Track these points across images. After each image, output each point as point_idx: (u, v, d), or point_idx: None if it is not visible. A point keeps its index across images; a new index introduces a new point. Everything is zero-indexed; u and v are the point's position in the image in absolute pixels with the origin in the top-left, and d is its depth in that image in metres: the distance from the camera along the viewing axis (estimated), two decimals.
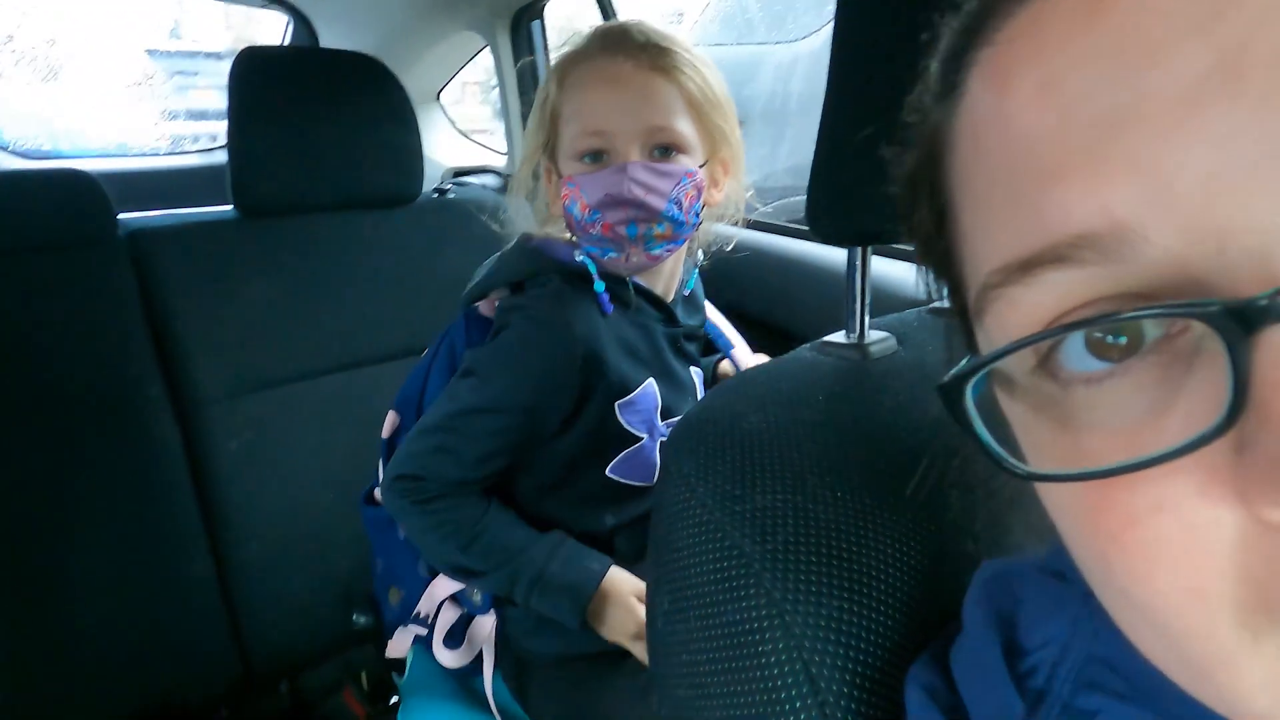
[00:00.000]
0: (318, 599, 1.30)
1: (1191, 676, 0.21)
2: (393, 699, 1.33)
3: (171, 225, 1.21)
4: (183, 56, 2.71)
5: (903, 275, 0.93)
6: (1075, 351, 0.21)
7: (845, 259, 0.53)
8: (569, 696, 0.86)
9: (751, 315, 1.00)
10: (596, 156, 0.77)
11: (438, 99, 1.94)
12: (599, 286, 0.81)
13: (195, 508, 1.22)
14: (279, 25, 1.89)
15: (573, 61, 0.79)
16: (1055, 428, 0.22)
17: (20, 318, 1.10)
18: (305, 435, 1.28)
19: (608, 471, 0.85)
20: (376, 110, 1.26)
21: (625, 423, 0.83)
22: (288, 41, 1.85)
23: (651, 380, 0.84)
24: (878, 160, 0.33)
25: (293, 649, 1.33)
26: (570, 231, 0.83)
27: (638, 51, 0.76)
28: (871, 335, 0.51)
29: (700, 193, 0.79)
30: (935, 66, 0.26)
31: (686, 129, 0.77)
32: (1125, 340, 0.20)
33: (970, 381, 0.22)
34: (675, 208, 0.77)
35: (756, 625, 0.37)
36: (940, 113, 0.26)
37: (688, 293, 0.91)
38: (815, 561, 0.37)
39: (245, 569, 1.26)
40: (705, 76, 0.78)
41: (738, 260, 0.94)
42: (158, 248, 1.18)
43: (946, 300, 0.30)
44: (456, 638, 0.90)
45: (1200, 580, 0.19)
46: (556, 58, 0.82)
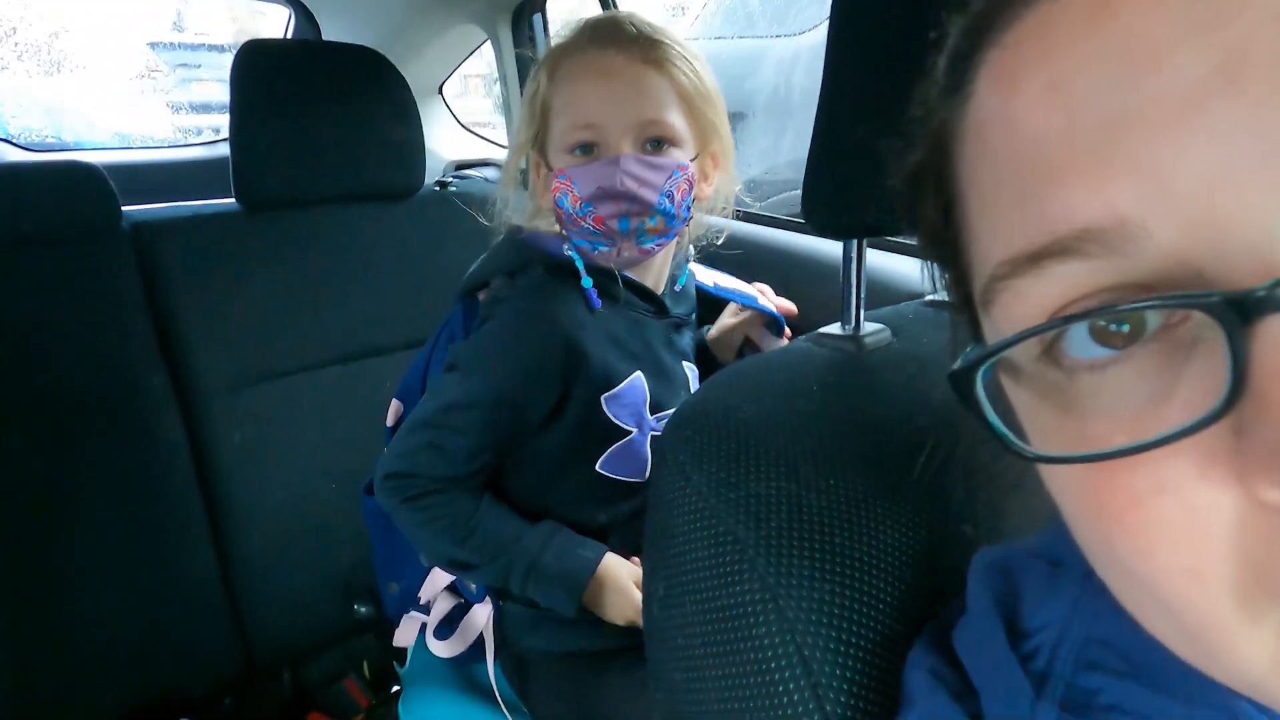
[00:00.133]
0: (319, 590, 1.31)
1: (1193, 650, 0.22)
2: (394, 688, 1.34)
3: (175, 218, 1.21)
4: (185, 49, 2.71)
5: (898, 268, 0.93)
6: (1080, 340, 0.21)
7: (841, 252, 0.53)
8: (567, 692, 0.86)
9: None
10: (588, 149, 0.76)
11: (440, 92, 1.94)
12: (587, 282, 0.80)
13: (198, 499, 1.23)
14: (281, 18, 1.89)
15: (563, 54, 0.78)
16: (1060, 413, 0.23)
17: (24, 309, 1.11)
18: (307, 428, 1.29)
19: (598, 467, 0.84)
20: (379, 104, 1.26)
21: (612, 416, 0.82)
22: (290, 34, 1.85)
23: (639, 373, 0.83)
24: (873, 154, 0.33)
25: (295, 639, 1.34)
26: (560, 225, 0.82)
27: (629, 44, 0.75)
28: (866, 327, 0.52)
29: (691, 186, 0.78)
30: (942, 64, 0.27)
31: (678, 122, 0.77)
32: (1128, 329, 0.20)
33: (980, 369, 0.22)
34: (667, 201, 0.76)
35: (750, 609, 0.37)
36: (947, 110, 0.26)
37: (679, 288, 0.90)
38: (808, 547, 0.38)
39: (248, 560, 1.26)
40: (696, 69, 0.77)
41: (736, 253, 0.94)
42: (161, 240, 1.19)
43: (948, 292, 0.31)
44: (451, 626, 0.90)
45: (1200, 560, 0.19)
46: (547, 50, 0.81)
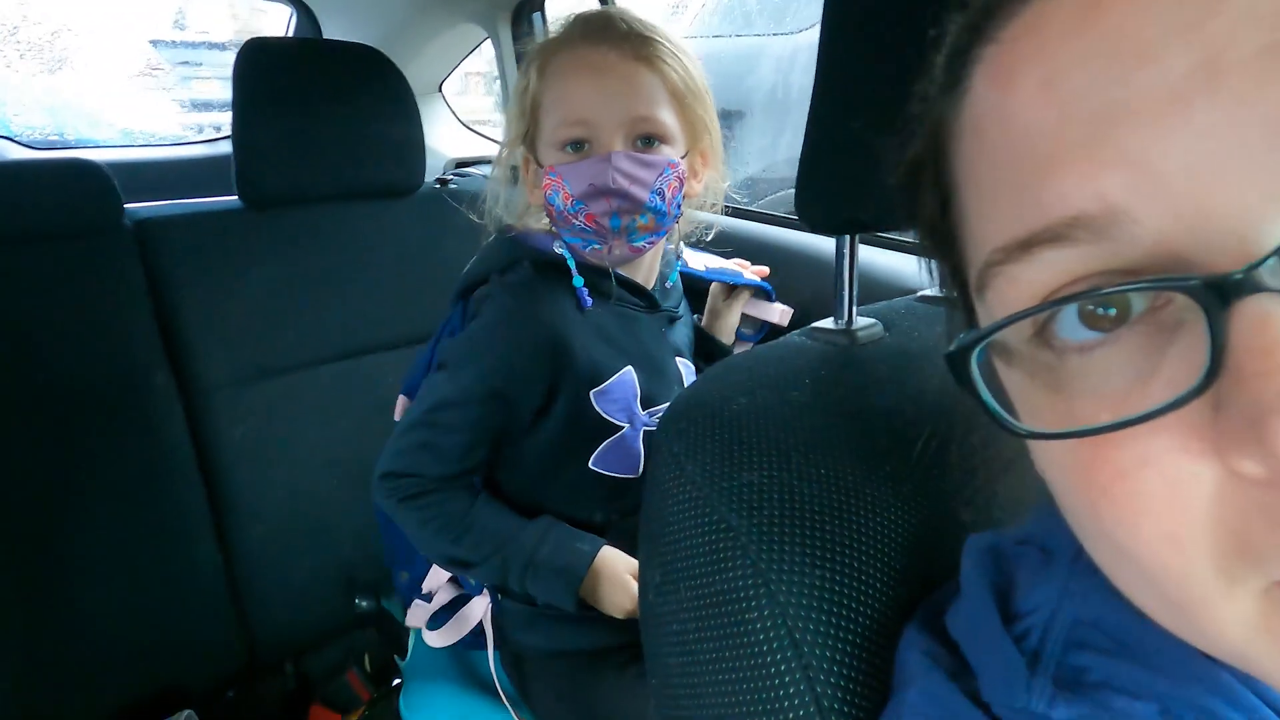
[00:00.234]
0: (321, 583, 1.32)
1: (1174, 617, 0.23)
2: (395, 681, 1.35)
3: (177, 215, 1.22)
4: (187, 47, 2.71)
5: (891, 264, 0.94)
6: (1069, 322, 0.23)
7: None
8: (565, 689, 0.87)
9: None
10: (579, 146, 0.76)
11: (440, 90, 1.95)
12: (578, 281, 0.80)
13: (201, 494, 1.24)
14: (283, 16, 1.89)
15: (553, 50, 0.78)
16: (1050, 392, 0.24)
17: (28, 306, 1.11)
18: (309, 423, 1.29)
19: (590, 464, 0.84)
20: (379, 102, 1.27)
21: (602, 411, 0.82)
22: (291, 33, 1.86)
23: (629, 368, 0.83)
24: (865, 151, 0.34)
25: (297, 632, 1.35)
26: (551, 222, 0.82)
27: (621, 40, 0.75)
28: (859, 322, 0.53)
29: (682, 184, 0.78)
30: (939, 61, 0.28)
31: (669, 119, 0.77)
32: (1115, 312, 0.22)
33: (974, 350, 0.24)
34: (658, 199, 0.76)
35: (743, 594, 0.38)
36: (944, 105, 0.27)
37: (670, 285, 0.90)
38: (799, 534, 0.39)
39: (250, 554, 1.27)
40: (687, 67, 0.77)
41: (729, 250, 0.95)
42: (164, 237, 1.19)
43: (944, 283, 0.32)
44: (447, 615, 0.91)
45: (1180, 528, 0.21)
46: (536, 46, 0.80)
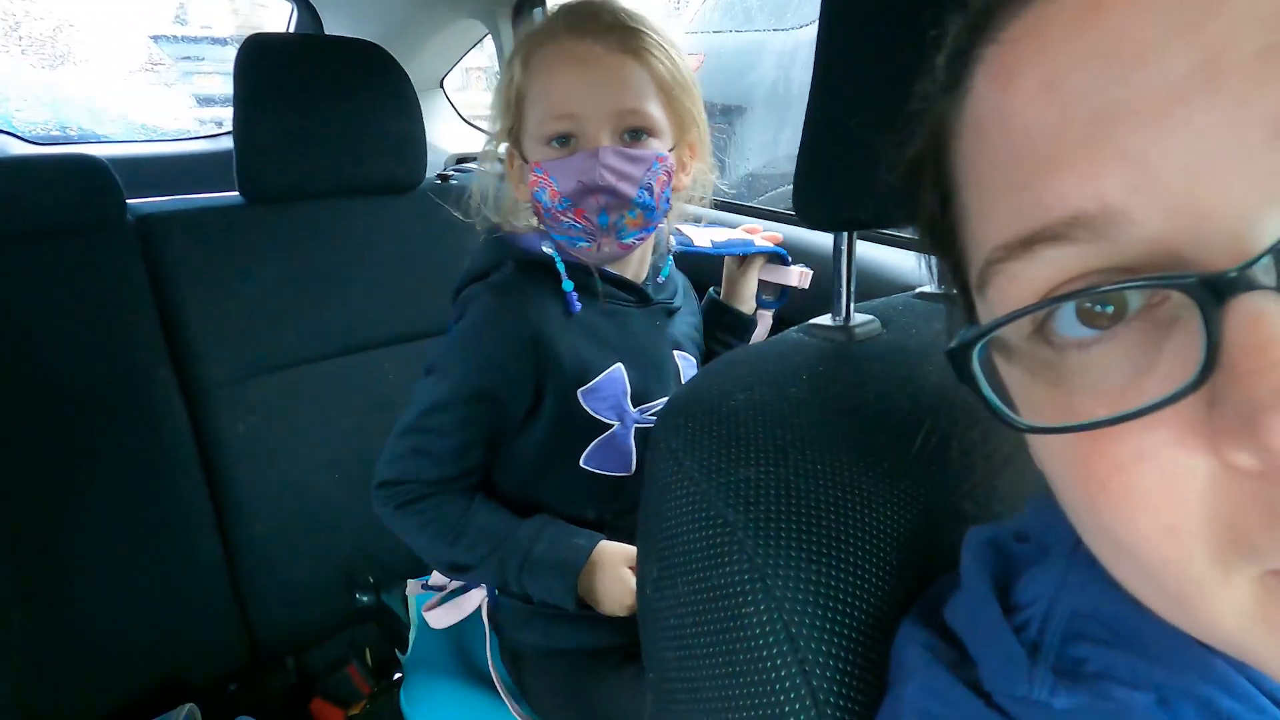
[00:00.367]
0: (322, 578, 1.32)
1: (1171, 607, 0.24)
2: (396, 676, 1.35)
3: (179, 210, 1.22)
4: (189, 42, 2.72)
5: (889, 260, 0.94)
6: (1068, 319, 0.23)
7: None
8: (563, 685, 0.87)
9: None
10: (565, 140, 0.75)
11: (441, 86, 1.94)
12: (568, 285, 0.79)
13: (203, 490, 1.24)
14: (284, 12, 1.89)
15: (537, 42, 0.76)
16: (1049, 388, 0.24)
17: (29, 301, 1.12)
18: (310, 418, 1.30)
19: (582, 463, 0.84)
20: (380, 97, 1.27)
21: (591, 410, 0.81)
22: (293, 28, 1.86)
23: (619, 366, 0.82)
24: (863, 148, 0.34)
25: (298, 627, 1.35)
26: (539, 219, 0.81)
27: (606, 32, 0.74)
28: (856, 318, 0.53)
29: (670, 177, 0.77)
30: (941, 61, 0.28)
31: (657, 112, 0.75)
32: (1112, 309, 0.22)
33: (976, 347, 0.24)
34: (647, 194, 0.75)
35: (739, 589, 0.39)
36: (945, 104, 0.28)
37: (662, 279, 0.89)
38: (796, 529, 0.39)
39: (252, 549, 1.28)
40: (674, 58, 0.76)
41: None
42: (166, 232, 1.20)
43: (945, 280, 0.32)
44: (448, 597, 0.92)
45: (1177, 520, 0.21)
46: (520, 38, 0.78)
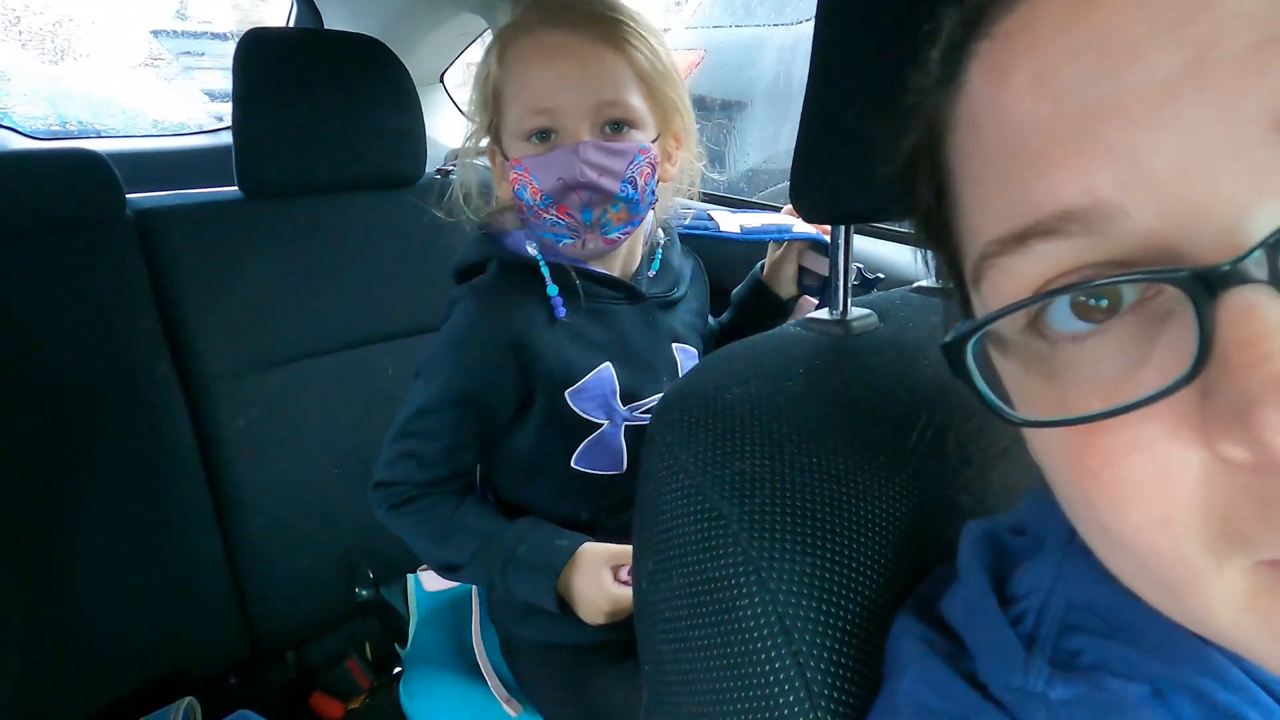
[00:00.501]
0: (322, 572, 1.33)
1: (1165, 598, 0.24)
2: (395, 670, 1.36)
3: (178, 205, 1.22)
4: (189, 37, 2.71)
5: (886, 255, 0.94)
6: (1062, 313, 0.23)
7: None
8: (561, 679, 0.88)
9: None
10: (544, 136, 0.73)
11: (441, 81, 1.94)
12: (552, 290, 0.79)
13: (203, 484, 1.24)
14: (284, 6, 1.89)
15: (512, 35, 0.75)
16: (1044, 382, 0.24)
17: (29, 296, 1.12)
18: (310, 413, 1.30)
19: (573, 463, 0.83)
20: (380, 92, 1.27)
21: (579, 410, 0.81)
22: (292, 23, 1.85)
23: (607, 365, 0.81)
24: (861, 141, 0.34)
25: (298, 621, 1.36)
26: (521, 217, 0.80)
27: (582, 23, 0.72)
28: (854, 312, 0.53)
29: (654, 169, 0.76)
30: (935, 55, 0.28)
31: (638, 103, 0.74)
32: (1106, 303, 0.22)
33: (970, 341, 0.24)
34: (630, 187, 0.73)
35: (734, 582, 0.39)
36: (940, 99, 0.28)
37: (653, 273, 0.87)
38: (790, 522, 0.39)
39: (251, 543, 1.28)
40: (654, 47, 0.75)
41: (723, 248, 0.94)
42: (165, 227, 1.20)
43: (940, 274, 0.32)
44: None
45: (1169, 512, 0.21)
46: (496, 31, 0.76)
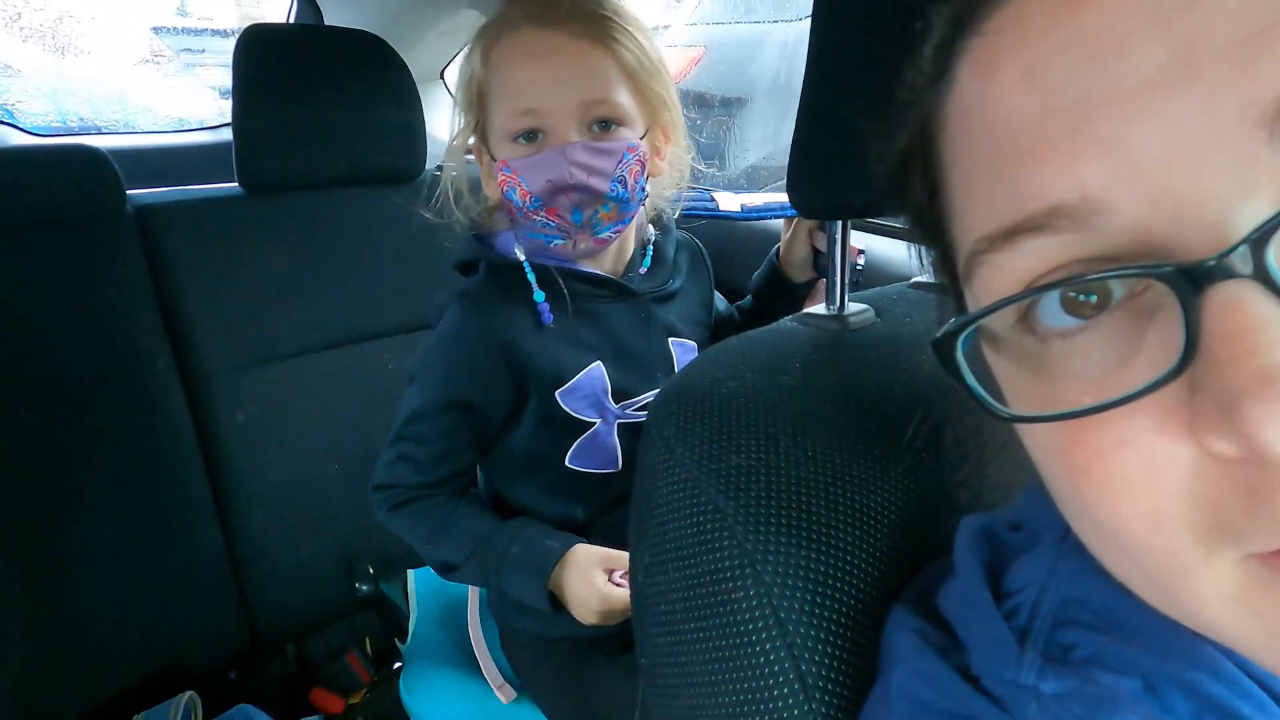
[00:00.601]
0: (322, 567, 1.33)
1: (1157, 592, 0.24)
2: (396, 665, 1.36)
3: (179, 201, 1.22)
4: (189, 34, 2.72)
5: (884, 251, 0.94)
6: (1052, 309, 0.23)
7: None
8: (560, 673, 0.88)
9: (741, 290, 1.01)
10: (531, 136, 0.73)
11: (441, 77, 1.94)
12: (539, 296, 0.78)
13: (203, 479, 1.25)
14: (284, 3, 1.89)
15: (495, 34, 0.74)
16: (1034, 377, 0.25)
17: (30, 292, 1.12)
18: (310, 408, 1.30)
19: (567, 462, 0.84)
20: (380, 88, 1.27)
21: (570, 409, 0.81)
22: (293, 19, 1.85)
23: (598, 364, 0.81)
24: (858, 136, 0.34)
25: (298, 615, 1.36)
26: (510, 218, 0.80)
27: (566, 20, 0.71)
28: (851, 307, 0.53)
29: (644, 166, 0.75)
30: (927, 52, 0.29)
31: (625, 100, 0.73)
32: (1095, 299, 0.22)
33: (960, 337, 0.24)
34: (620, 186, 0.73)
35: (729, 574, 0.39)
36: (931, 95, 0.28)
37: (645, 270, 0.86)
38: (786, 515, 0.39)
39: (252, 538, 1.28)
40: (640, 42, 0.74)
41: (731, 237, 0.94)
42: (165, 223, 1.20)
43: (934, 271, 0.33)
44: None
45: (1158, 506, 0.21)
46: (478, 28, 0.76)
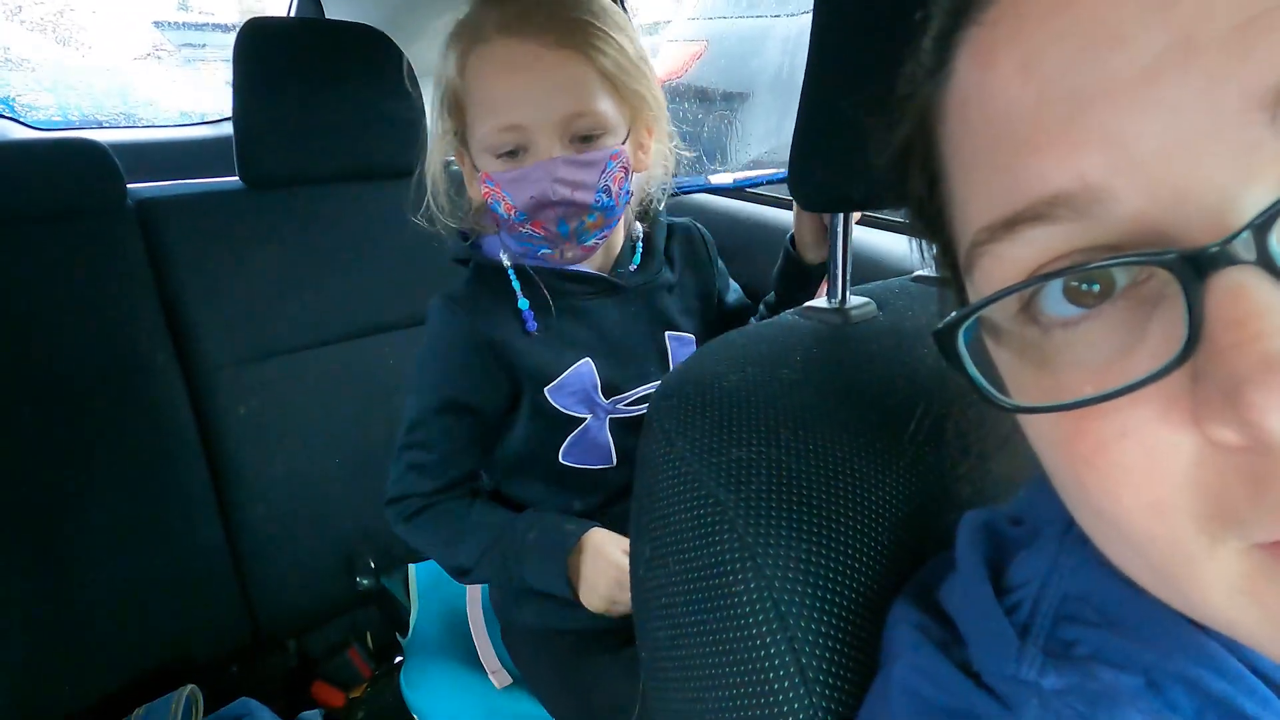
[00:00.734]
0: (324, 562, 1.33)
1: (1160, 583, 0.24)
2: (397, 659, 1.36)
3: (179, 195, 1.22)
4: (191, 28, 2.71)
5: (886, 244, 0.94)
6: (1054, 298, 0.23)
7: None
8: (558, 666, 0.88)
9: (760, 291, 1.01)
10: (513, 153, 0.72)
11: None
12: (523, 304, 0.78)
13: (204, 473, 1.25)
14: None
15: (469, 43, 0.73)
16: (1036, 367, 0.24)
17: (31, 285, 1.12)
18: (310, 402, 1.30)
19: (561, 459, 0.84)
20: (380, 83, 1.26)
21: (559, 405, 0.81)
22: (293, 13, 1.85)
23: (586, 360, 0.81)
24: (859, 129, 0.34)
25: (299, 610, 1.36)
26: (496, 226, 0.80)
27: (541, 31, 0.69)
28: (852, 300, 0.53)
29: (627, 171, 0.75)
30: (925, 44, 0.28)
31: (607, 108, 0.72)
32: (1098, 288, 0.22)
33: (962, 327, 0.24)
34: (605, 195, 0.73)
35: (730, 567, 0.39)
36: (931, 87, 0.28)
37: (634, 267, 0.85)
38: (786, 509, 0.39)
39: (253, 532, 1.29)
40: (619, 43, 0.72)
41: (731, 233, 0.94)
42: (166, 217, 1.20)
43: (935, 263, 0.32)
44: None
45: (1162, 496, 0.21)
46: (451, 32, 0.74)
